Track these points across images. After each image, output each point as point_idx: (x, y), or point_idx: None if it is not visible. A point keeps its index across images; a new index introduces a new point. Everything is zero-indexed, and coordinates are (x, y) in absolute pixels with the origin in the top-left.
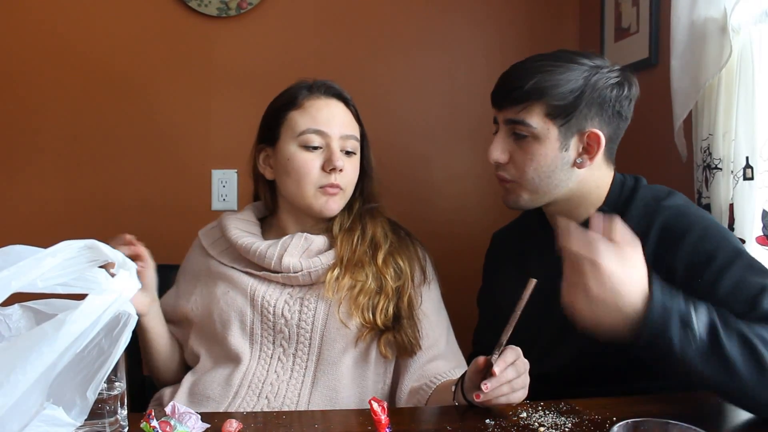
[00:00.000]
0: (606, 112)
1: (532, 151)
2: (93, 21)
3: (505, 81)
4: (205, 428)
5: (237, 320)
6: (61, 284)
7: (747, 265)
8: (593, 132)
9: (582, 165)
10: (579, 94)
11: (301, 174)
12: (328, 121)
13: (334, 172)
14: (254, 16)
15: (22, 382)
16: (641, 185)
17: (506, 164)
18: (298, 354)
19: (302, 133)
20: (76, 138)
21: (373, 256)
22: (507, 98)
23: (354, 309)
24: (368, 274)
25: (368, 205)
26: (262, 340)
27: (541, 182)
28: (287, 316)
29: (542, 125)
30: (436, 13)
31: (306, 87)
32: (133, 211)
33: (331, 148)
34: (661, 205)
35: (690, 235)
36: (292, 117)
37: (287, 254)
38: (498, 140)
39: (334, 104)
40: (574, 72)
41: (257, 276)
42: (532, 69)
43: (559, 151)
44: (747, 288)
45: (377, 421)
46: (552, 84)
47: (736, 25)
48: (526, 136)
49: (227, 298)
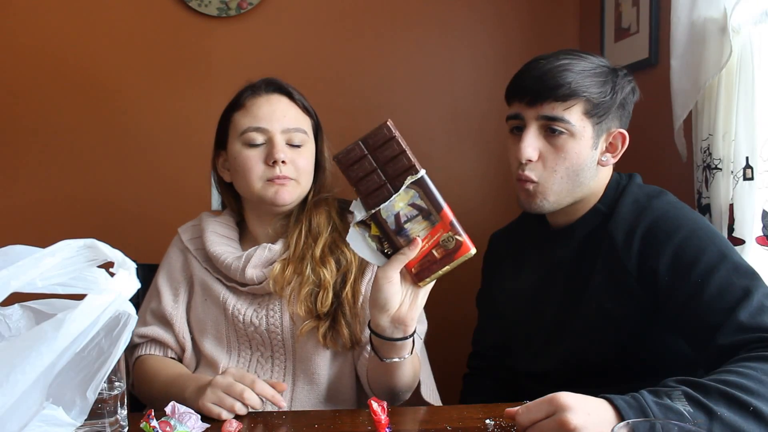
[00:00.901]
0: (625, 114)
1: (567, 149)
2: (93, 21)
3: (542, 77)
4: (205, 428)
5: (213, 329)
6: (61, 284)
7: (733, 268)
8: (620, 132)
9: (606, 163)
10: (612, 95)
11: (246, 170)
12: (269, 117)
13: (277, 165)
14: (254, 16)
15: (21, 382)
16: (633, 183)
17: (534, 163)
18: (275, 356)
19: (244, 132)
20: (76, 138)
21: (312, 248)
22: (549, 95)
23: (299, 300)
24: (308, 267)
25: (317, 196)
26: (239, 347)
27: (570, 181)
28: (256, 323)
29: (580, 123)
30: (437, 14)
31: (250, 87)
32: (133, 211)
33: (273, 142)
34: (649, 206)
35: (675, 237)
36: (235, 118)
37: (250, 266)
38: (529, 138)
39: (275, 99)
40: (605, 73)
41: (228, 286)
42: (568, 66)
43: (591, 150)
44: (731, 292)
45: (377, 421)
46: (592, 83)
47: (736, 26)
48: (561, 133)
49: (204, 306)
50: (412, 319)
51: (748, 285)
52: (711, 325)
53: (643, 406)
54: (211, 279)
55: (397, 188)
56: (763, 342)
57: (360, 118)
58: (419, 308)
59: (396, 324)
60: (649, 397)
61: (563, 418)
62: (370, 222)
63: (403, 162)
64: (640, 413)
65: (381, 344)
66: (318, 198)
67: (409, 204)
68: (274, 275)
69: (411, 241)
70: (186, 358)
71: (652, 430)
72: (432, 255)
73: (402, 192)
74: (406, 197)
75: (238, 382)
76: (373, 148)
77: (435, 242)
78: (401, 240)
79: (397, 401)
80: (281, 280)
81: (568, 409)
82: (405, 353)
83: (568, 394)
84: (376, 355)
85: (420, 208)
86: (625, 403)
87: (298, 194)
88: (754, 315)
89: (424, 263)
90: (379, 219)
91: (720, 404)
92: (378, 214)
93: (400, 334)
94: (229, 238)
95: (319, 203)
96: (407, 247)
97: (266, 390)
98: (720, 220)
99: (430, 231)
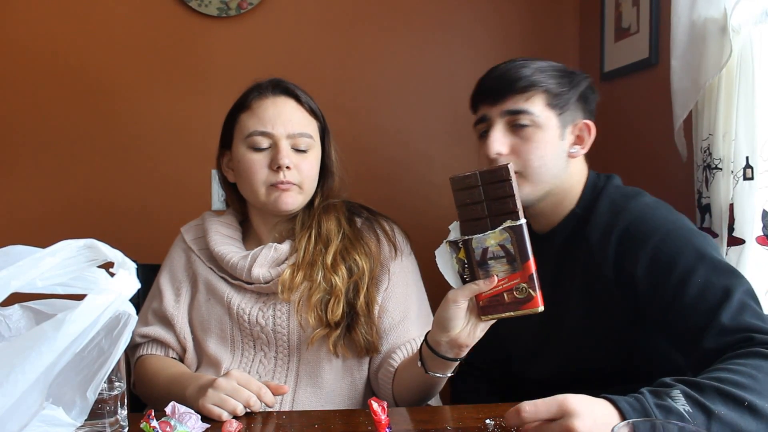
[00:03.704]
0: (587, 110)
1: (536, 139)
2: (93, 21)
3: (500, 76)
4: (205, 428)
5: (217, 328)
6: (61, 284)
7: (711, 268)
8: (586, 122)
9: (575, 155)
10: (570, 88)
11: (249, 174)
12: (274, 120)
13: (281, 170)
14: (254, 16)
15: (21, 382)
16: (610, 184)
17: (506, 156)
18: (278, 357)
19: (249, 135)
20: (76, 138)
21: (324, 254)
22: (510, 89)
23: (308, 308)
24: (320, 273)
25: (325, 202)
26: (243, 346)
27: (546, 171)
28: (262, 324)
29: (544, 114)
30: (437, 14)
31: (257, 87)
32: (133, 211)
33: (277, 147)
34: (625, 208)
35: (651, 240)
36: (241, 119)
37: (256, 265)
38: (496, 133)
39: (281, 102)
40: (561, 69)
41: (233, 284)
42: (525, 64)
43: (559, 140)
44: (712, 293)
45: (377, 421)
46: (549, 76)
47: (736, 26)
48: (527, 126)
49: (208, 305)
50: (468, 346)
51: (728, 284)
52: (694, 328)
53: (646, 408)
54: (216, 278)
55: (494, 226)
56: (748, 342)
57: (360, 118)
58: (476, 339)
59: (451, 345)
60: (651, 398)
61: (570, 425)
62: (460, 245)
63: (508, 205)
64: (643, 416)
65: (431, 358)
66: (327, 203)
67: (499, 244)
68: (283, 280)
69: (489, 276)
70: (187, 358)
71: (653, 429)
72: (502, 297)
73: (497, 231)
74: (500, 237)
75: (244, 387)
76: (487, 182)
77: (509, 286)
78: (481, 272)
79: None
80: (290, 286)
81: (576, 415)
82: (450, 371)
83: (575, 398)
84: (422, 366)
85: (507, 252)
86: (629, 405)
87: (301, 200)
88: (735, 316)
89: (493, 301)
90: (469, 246)
91: (717, 402)
92: (469, 242)
93: (452, 355)
94: (233, 238)
95: (328, 208)
96: (483, 281)
97: (269, 399)
98: (720, 220)
99: (509, 275)
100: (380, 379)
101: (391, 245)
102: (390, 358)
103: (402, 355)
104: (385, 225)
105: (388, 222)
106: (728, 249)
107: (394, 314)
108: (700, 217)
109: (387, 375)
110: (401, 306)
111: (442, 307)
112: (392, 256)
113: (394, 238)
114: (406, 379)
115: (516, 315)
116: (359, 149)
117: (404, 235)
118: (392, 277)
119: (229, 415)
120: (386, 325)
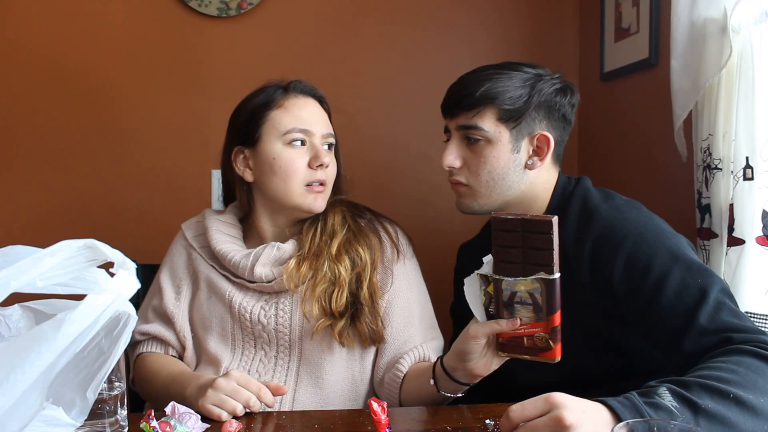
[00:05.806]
0: (553, 116)
1: (486, 155)
2: (92, 21)
3: (455, 90)
4: (205, 428)
5: (218, 326)
6: (61, 284)
7: (686, 268)
8: (543, 134)
9: (533, 166)
10: (527, 99)
11: (288, 172)
12: (311, 120)
13: (321, 168)
14: (254, 16)
15: (21, 382)
16: (580, 187)
17: (460, 169)
18: (279, 356)
19: (288, 132)
20: (76, 138)
21: (329, 245)
22: (459, 105)
23: (313, 298)
24: (324, 263)
25: (332, 198)
26: (244, 345)
27: (495, 185)
28: (264, 322)
29: (494, 129)
30: (437, 14)
31: (281, 87)
32: (133, 211)
33: (315, 146)
34: (596, 213)
35: (624, 244)
36: (274, 116)
37: (259, 264)
38: (451, 147)
39: (311, 103)
40: (520, 78)
41: (234, 282)
42: (481, 77)
43: (512, 153)
44: (688, 294)
45: (377, 421)
46: (501, 89)
47: (736, 26)
48: (478, 140)
49: (209, 303)
50: (481, 376)
51: (703, 284)
52: (673, 330)
53: (636, 404)
54: (217, 276)
55: (527, 274)
56: (727, 342)
57: (360, 118)
58: (491, 370)
59: (466, 373)
60: (640, 397)
61: (558, 416)
62: (491, 281)
63: (545, 257)
64: (635, 412)
65: (444, 379)
66: (333, 199)
67: (528, 291)
68: (288, 271)
69: (513, 318)
70: (186, 356)
71: (651, 430)
72: (521, 340)
73: (529, 279)
74: (530, 286)
75: (244, 388)
76: (529, 230)
77: (530, 333)
78: (506, 313)
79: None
80: (295, 277)
81: (564, 407)
82: (460, 392)
83: (562, 394)
84: (435, 384)
85: (535, 302)
86: (619, 403)
87: (327, 199)
88: (713, 316)
89: (512, 341)
90: (498, 286)
91: (703, 396)
92: (500, 282)
93: (464, 381)
94: (234, 236)
95: (334, 204)
96: (506, 321)
97: (269, 399)
98: (720, 220)
99: (532, 323)
100: (386, 383)
101: (394, 247)
102: (398, 363)
103: (409, 361)
104: (388, 227)
105: (391, 224)
106: (728, 249)
107: (399, 318)
108: (700, 218)
109: (394, 380)
110: (405, 310)
111: (461, 339)
112: (395, 258)
113: (396, 240)
114: (416, 390)
115: (532, 360)
116: (359, 149)
117: (407, 238)
118: (395, 280)
119: (228, 415)
120: (391, 328)
